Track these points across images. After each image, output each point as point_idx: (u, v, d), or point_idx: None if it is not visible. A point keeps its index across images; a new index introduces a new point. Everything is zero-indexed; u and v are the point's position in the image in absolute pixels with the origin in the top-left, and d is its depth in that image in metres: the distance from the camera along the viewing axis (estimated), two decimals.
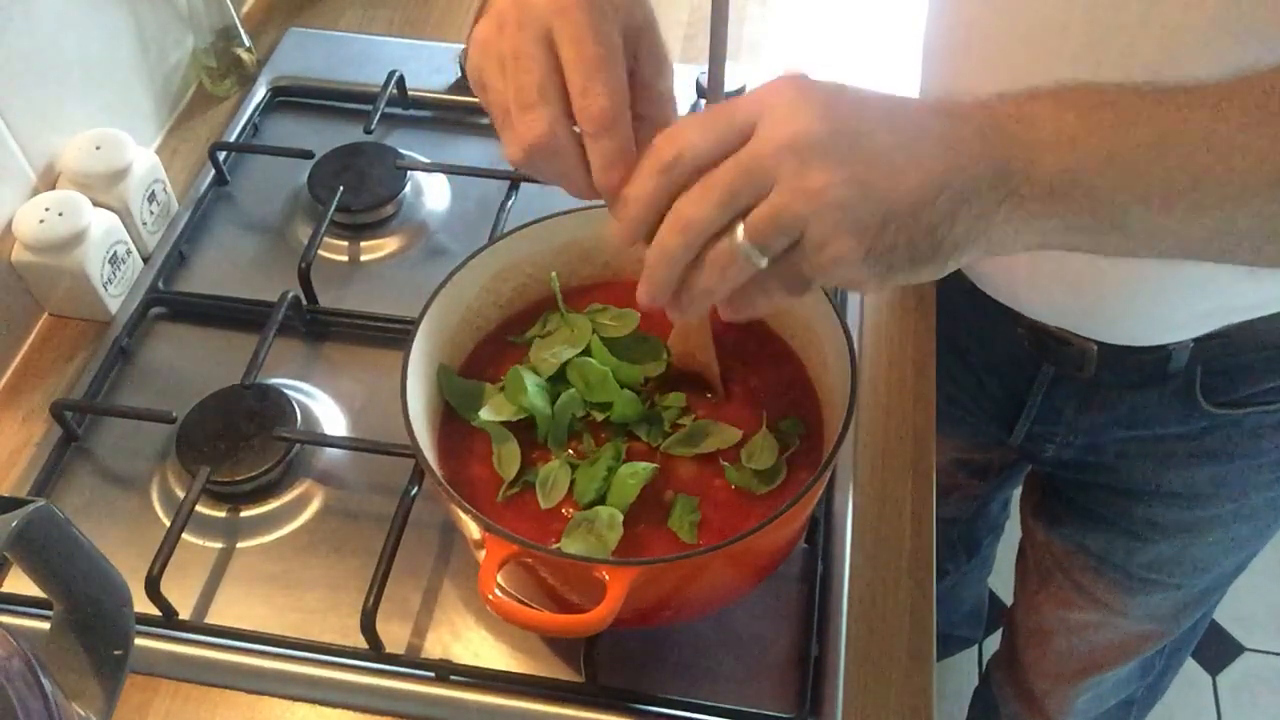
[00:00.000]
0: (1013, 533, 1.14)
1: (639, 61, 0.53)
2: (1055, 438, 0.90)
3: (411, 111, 1.02)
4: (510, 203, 0.90)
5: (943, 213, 0.45)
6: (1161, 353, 0.76)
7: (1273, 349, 0.75)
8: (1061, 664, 1.11)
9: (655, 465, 0.66)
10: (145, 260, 0.91)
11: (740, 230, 0.46)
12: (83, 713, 0.54)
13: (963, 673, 1.64)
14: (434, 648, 0.71)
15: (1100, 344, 0.79)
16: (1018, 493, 1.12)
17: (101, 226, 0.84)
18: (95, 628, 0.56)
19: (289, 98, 1.04)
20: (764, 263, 0.46)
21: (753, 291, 0.49)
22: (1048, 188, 0.45)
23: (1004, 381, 0.91)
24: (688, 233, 0.47)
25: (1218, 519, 0.88)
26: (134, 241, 0.89)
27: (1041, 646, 1.12)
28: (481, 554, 0.60)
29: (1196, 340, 0.75)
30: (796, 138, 0.44)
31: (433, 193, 0.96)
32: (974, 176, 0.45)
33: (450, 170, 0.96)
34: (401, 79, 1.01)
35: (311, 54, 1.08)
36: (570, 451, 0.69)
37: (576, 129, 0.51)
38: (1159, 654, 1.09)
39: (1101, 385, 0.82)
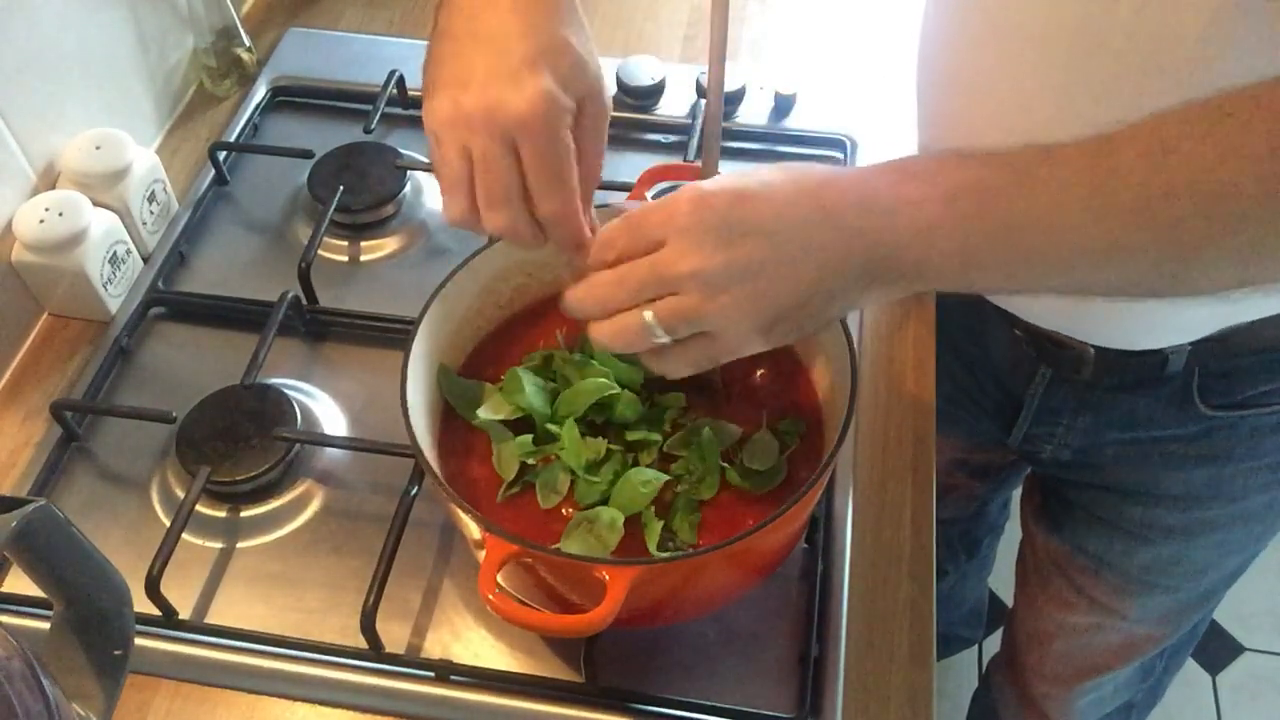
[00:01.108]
0: (1014, 533, 1.14)
1: (579, 128, 0.59)
2: (1053, 439, 0.90)
3: (411, 111, 1.02)
4: None
5: (820, 303, 0.55)
6: (1158, 356, 0.76)
7: (1270, 351, 0.75)
8: (1061, 667, 1.11)
9: (666, 475, 0.66)
10: (145, 260, 0.91)
11: (649, 313, 0.55)
12: (83, 713, 0.54)
13: (963, 673, 1.64)
14: (434, 648, 0.71)
15: (1097, 347, 0.79)
16: (1018, 493, 1.12)
17: (101, 226, 0.84)
18: (95, 628, 0.56)
19: (289, 98, 1.04)
20: (666, 339, 0.56)
21: (665, 356, 0.58)
22: (905, 275, 0.54)
23: (1002, 383, 0.91)
24: (602, 305, 0.57)
25: (1216, 521, 0.88)
26: (134, 241, 0.89)
27: (1041, 649, 1.12)
28: (481, 554, 0.60)
29: (1193, 343, 0.75)
30: (699, 270, 0.54)
31: (433, 193, 0.96)
32: (843, 275, 0.54)
33: None
34: (401, 79, 1.01)
35: (311, 54, 1.08)
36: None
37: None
38: (1159, 656, 1.09)
39: (1099, 388, 0.82)
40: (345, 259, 0.92)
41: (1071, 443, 0.89)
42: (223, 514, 0.77)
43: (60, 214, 0.82)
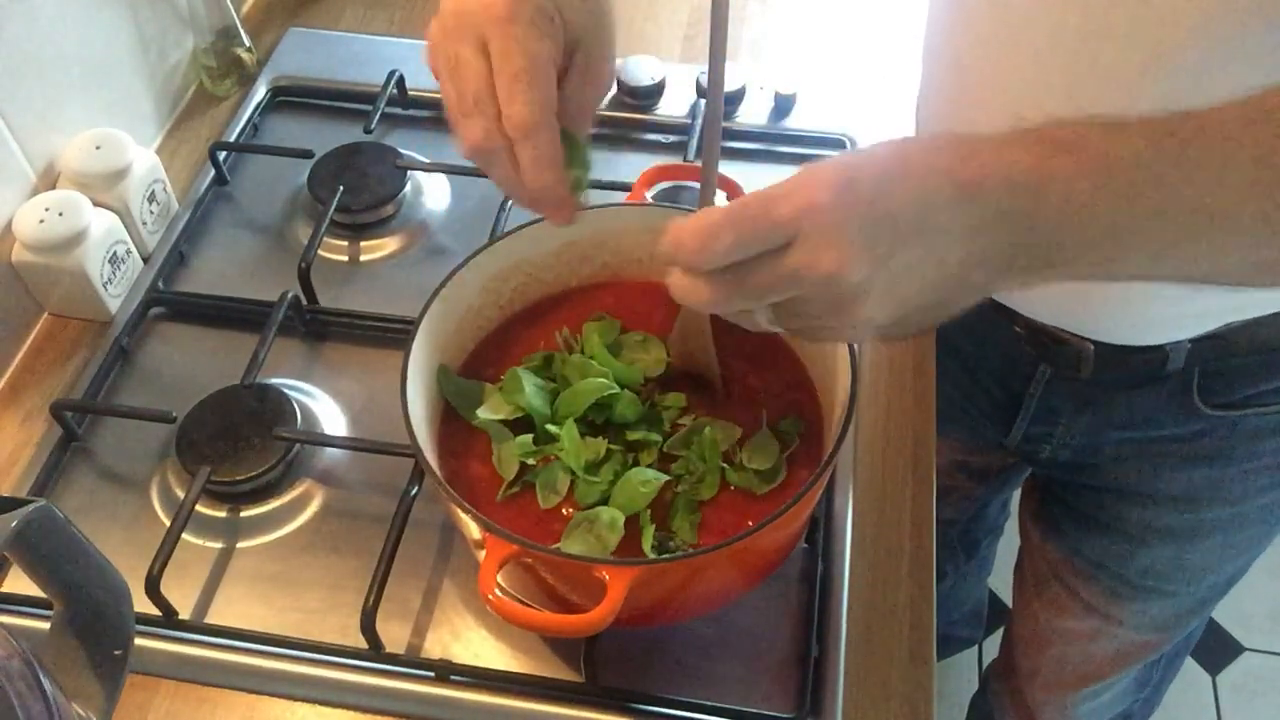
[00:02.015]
0: (1014, 534, 1.14)
1: (569, 72, 0.57)
2: (1052, 439, 0.90)
3: (411, 111, 1.02)
4: (510, 203, 0.90)
5: (956, 295, 0.50)
6: (1159, 353, 0.76)
7: (1270, 351, 0.75)
8: (1057, 674, 1.10)
9: (666, 476, 0.66)
10: (145, 260, 0.91)
11: (769, 314, 0.51)
12: (83, 713, 0.54)
13: (962, 673, 1.64)
14: (434, 648, 0.71)
15: (1097, 344, 0.78)
16: (1018, 494, 1.12)
17: (101, 226, 0.84)
18: (95, 628, 0.56)
19: (289, 98, 1.04)
20: (779, 330, 0.52)
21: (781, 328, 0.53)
22: (1046, 262, 0.49)
23: (1001, 381, 0.91)
24: (720, 306, 0.51)
25: (1214, 524, 0.88)
26: (134, 241, 0.89)
27: (1038, 655, 1.11)
28: (481, 554, 0.60)
29: (1194, 341, 0.75)
30: (841, 274, 0.47)
31: (433, 193, 0.96)
32: (987, 264, 0.48)
33: (450, 170, 0.96)
34: (401, 79, 1.01)
35: (311, 54, 1.08)
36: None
37: None
38: (1155, 665, 1.08)
39: (1099, 385, 0.82)
40: (345, 259, 0.92)
41: (1071, 442, 0.89)
42: (223, 514, 0.77)
43: (60, 214, 0.82)
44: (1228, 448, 0.82)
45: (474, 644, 0.71)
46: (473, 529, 0.61)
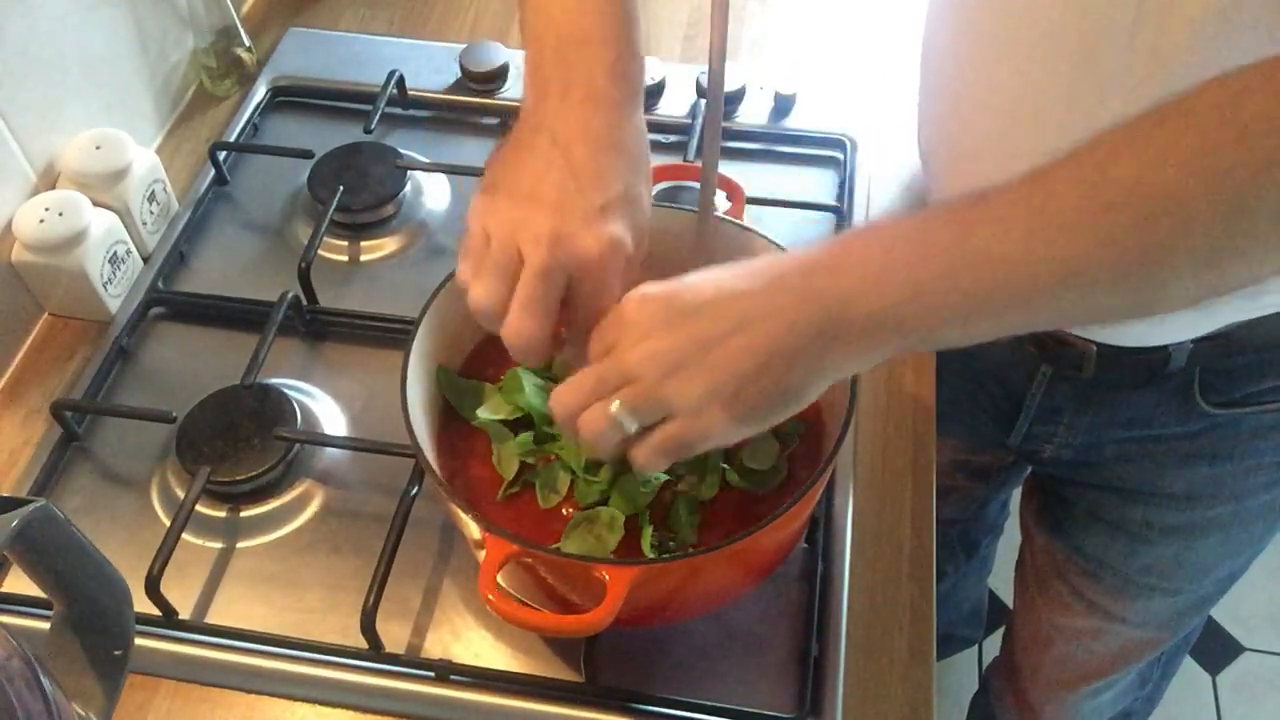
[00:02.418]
0: (1014, 534, 1.14)
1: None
2: (1054, 438, 0.90)
3: (411, 111, 1.02)
4: None
5: (782, 368, 0.53)
6: (1160, 353, 0.76)
7: (1272, 349, 0.75)
8: (1059, 672, 1.10)
9: (666, 475, 0.66)
10: (145, 260, 0.91)
11: (615, 403, 0.55)
12: (83, 713, 0.54)
13: (963, 673, 1.64)
14: (434, 648, 0.71)
15: (1099, 344, 0.79)
16: (1019, 493, 1.12)
17: (101, 226, 0.84)
18: (95, 628, 0.56)
19: (289, 98, 1.04)
20: (633, 427, 0.55)
21: (639, 448, 0.57)
22: (861, 328, 0.52)
23: (1002, 381, 0.91)
24: (568, 406, 0.57)
25: (1216, 521, 0.88)
26: (134, 241, 0.89)
27: (1040, 654, 1.11)
28: (481, 554, 0.60)
29: (1195, 340, 0.75)
30: (650, 352, 0.54)
31: (433, 193, 0.96)
32: (796, 336, 0.53)
33: (450, 170, 0.96)
34: (401, 79, 1.01)
35: (311, 54, 1.08)
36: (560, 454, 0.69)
37: None
38: (1155, 663, 1.08)
39: (1100, 385, 0.82)
40: (345, 259, 0.92)
41: (1072, 442, 0.89)
42: (223, 514, 0.77)
43: (60, 214, 0.82)
44: (1229, 446, 0.82)
45: (474, 644, 0.71)
46: (473, 529, 0.61)
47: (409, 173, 0.95)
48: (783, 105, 1.00)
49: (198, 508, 0.75)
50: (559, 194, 0.58)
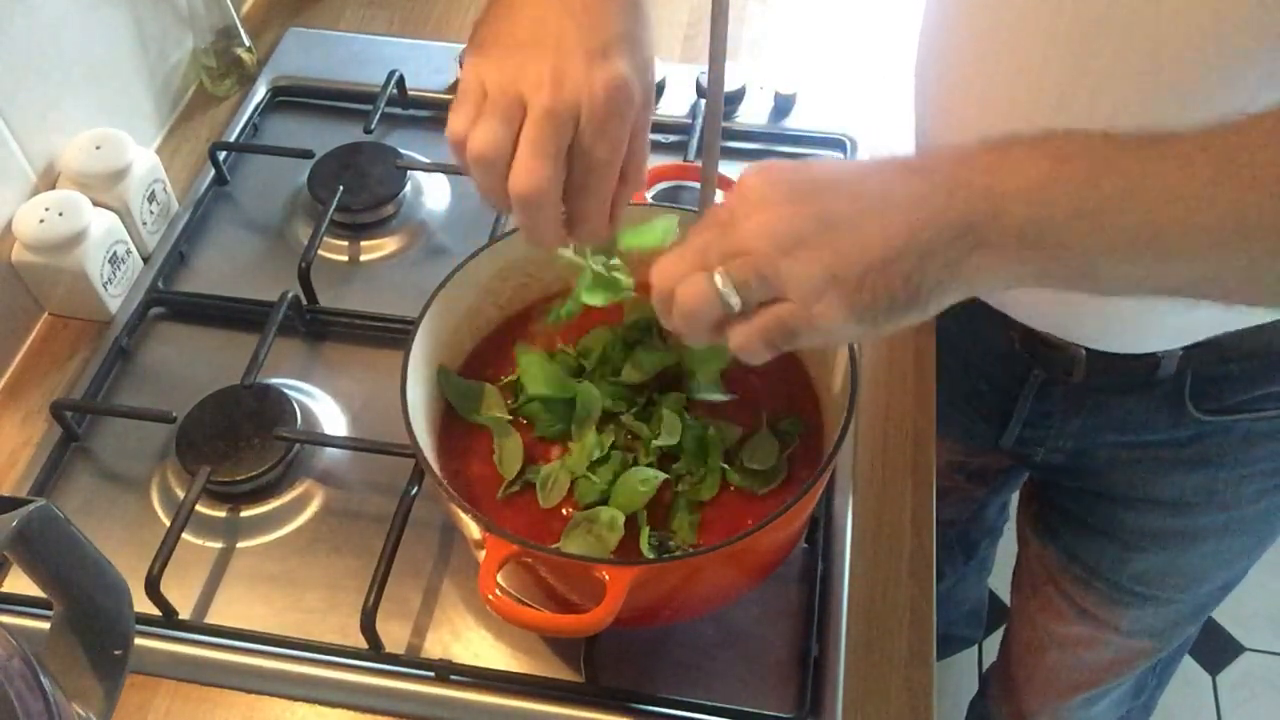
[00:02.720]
0: (1014, 536, 1.13)
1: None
2: (1045, 442, 0.90)
3: (411, 111, 1.02)
4: None
5: (914, 263, 0.48)
6: (1150, 359, 0.76)
7: (1262, 357, 0.75)
8: (1052, 681, 1.10)
9: (665, 474, 0.66)
10: (145, 260, 0.91)
11: (717, 274, 0.50)
12: (83, 713, 0.54)
13: (963, 673, 1.64)
14: (434, 648, 0.71)
15: (1088, 349, 0.78)
16: (1018, 497, 1.12)
17: (101, 226, 0.84)
18: (95, 628, 0.56)
19: (289, 98, 1.04)
20: (737, 304, 0.50)
21: (740, 330, 0.52)
22: (1016, 236, 0.47)
23: (995, 383, 0.91)
24: (669, 276, 0.53)
25: (1208, 529, 0.88)
26: (134, 241, 0.89)
27: (1034, 661, 1.11)
28: (481, 554, 0.60)
29: (1185, 348, 0.75)
30: (767, 223, 0.49)
31: (433, 193, 0.96)
32: (939, 229, 0.47)
33: (450, 170, 0.96)
34: (401, 79, 1.01)
35: (311, 54, 1.08)
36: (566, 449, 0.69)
37: None
38: (1150, 672, 1.08)
39: (1091, 390, 0.82)
40: (345, 259, 0.92)
41: (1063, 446, 0.89)
42: (223, 514, 0.77)
43: (60, 214, 0.82)
44: (1220, 453, 0.81)
45: (474, 644, 0.71)
46: (473, 529, 0.61)
47: (409, 173, 0.95)
48: (783, 105, 1.00)
49: (198, 508, 0.75)
50: (558, 37, 0.54)
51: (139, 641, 0.61)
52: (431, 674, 0.69)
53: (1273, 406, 0.78)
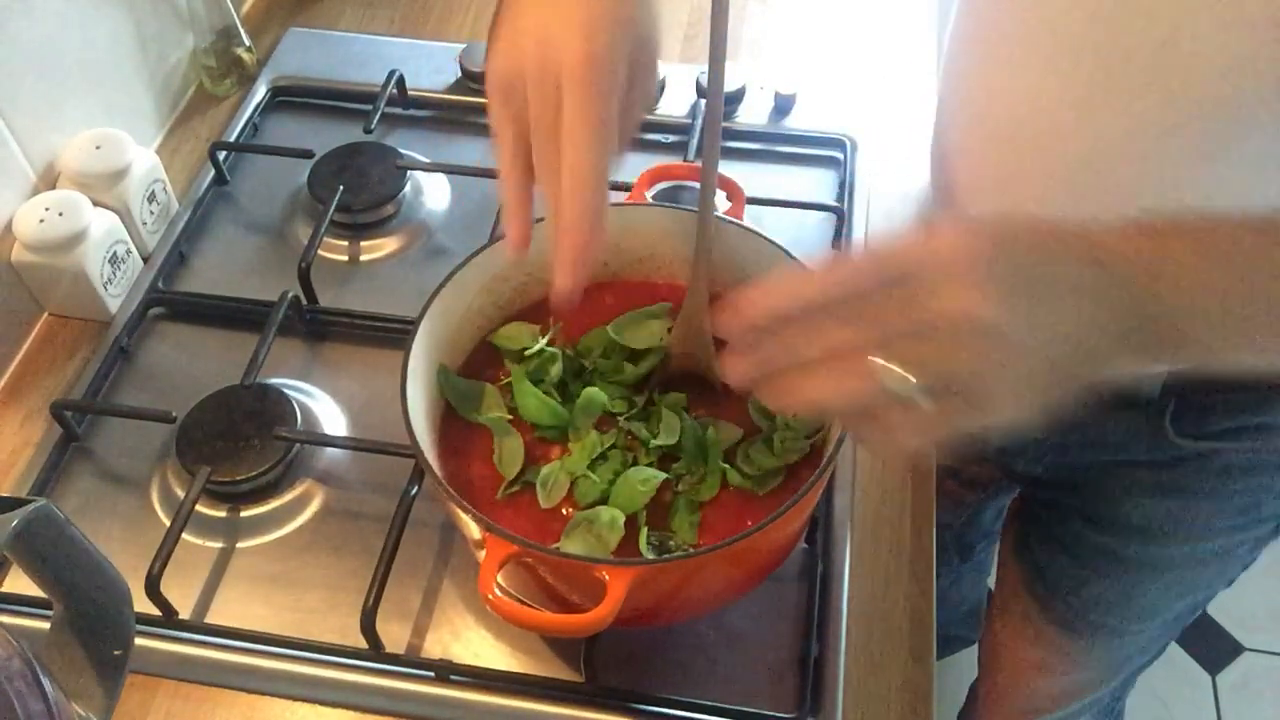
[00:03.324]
0: None
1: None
2: (1026, 452, 0.89)
3: (411, 111, 1.02)
4: None
5: (1076, 367, 0.46)
6: (1131, 382, 0.74)
7: (1249, 390, 0.73)
8: (1006, 702, 1.08)
9: (665, 474, 0.66)
10: (145, 260, 0.91)
11: (898, 366, 0.44)
12: (83, 713, 0.54)
13: (962, 673, 1.63)
14: (434, 648, 0.71)
15: None
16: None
17: (101, 226, 0.84)
18: (95, 628, 0.56)
19: (289, 98, 1.04)
20: (928, 405, 0.45)
21: (901, 425, 0.46)
22: (1167, 340, 0.47)
23: None
24: (817, 345, 0.46)
25: (1169, 561, 0.86)
26: (134, 241, 0.89)
27: (990, 679, 1.10)
28: (481, 554, 0.60)
29: (1169, 372, 0.74)
30: (976, 311, 0.44)
31: (433, 193, 0.96)
32: (1105, 330, 0.46)
33: (450, 170, 0.96)
34: (401, 79, 1.01)
35: (311, 54, 1.08)
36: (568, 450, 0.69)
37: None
38: (1110, 697, 1.06)
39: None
40: (345, 259, 0.92)
41: (1043, 458, 0.88)
42: (223, 514, 0.77)
43: (60, 214, 0.82)
44: (1197, 483, 0.80)
45: (474, 644, 0.71)
46: (473, 529, 0.61)
47: (409, 173, 0.95)
48: (783, 105, 1.00)
49: (198, 508, 0.75)
50: (545, 19, 0.55)
51: (139, 641, 0.61)
52: (431, 674, 0.69)
53: (1251, 439, 0.76)
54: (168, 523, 0.73)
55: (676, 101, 1.01)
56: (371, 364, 0.85)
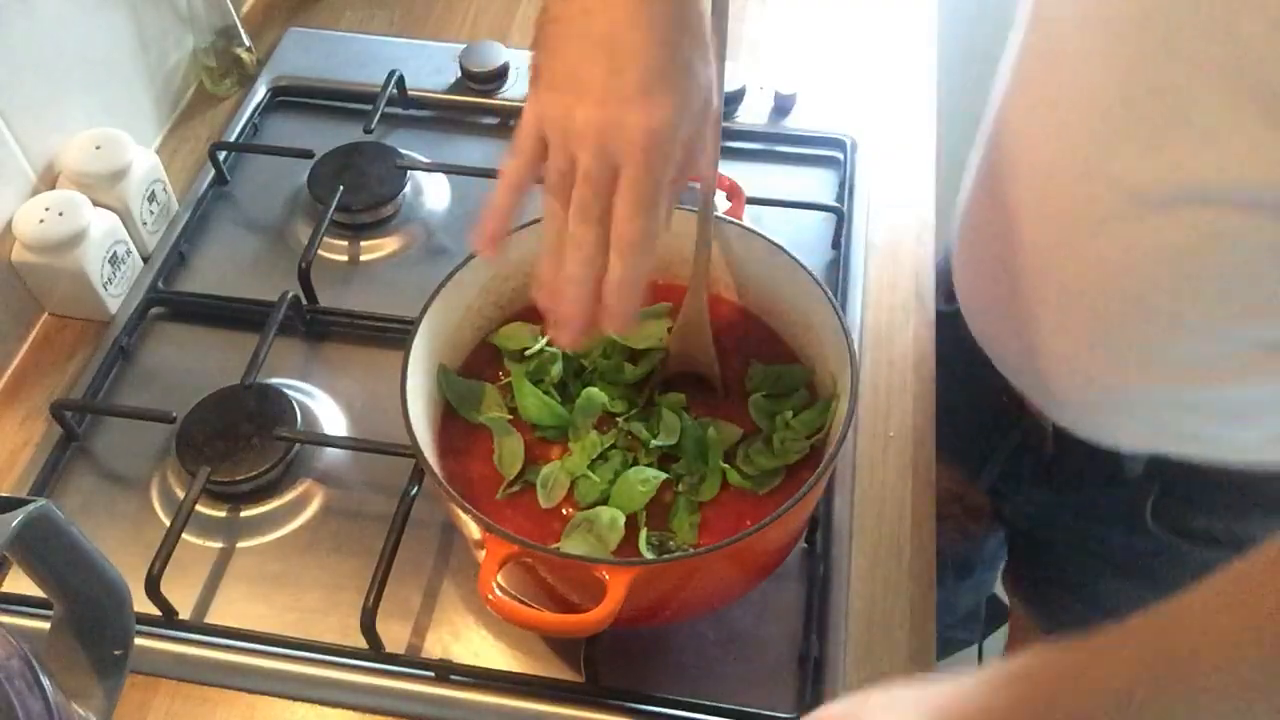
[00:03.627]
0: None
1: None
2: (1013, 499, 0.89)
3: (411, 111, 1.02)
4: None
5: None
6: (1114, 455, 0.74)
7: (1234, 491, 0.72)
8: None
9: (665, 474, 0.66)
10: (145, 260, 0.91)
11: None
12: (83, 713, 0.54)
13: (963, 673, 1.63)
14: (434, 648, 0.71)
15: (1056, 426, 0.77)
16: None
17: (101, 226, 0.84)
18: (95, 628, 0.56)
19: (289, 98, 1.04)
20: None
21: None
22: None
23: (982, 424, 0.89)
24: None
25: None
26: (134, 241, 0.89)
27: None
28: (481, 554, 0.60)
29: (1151, 455, 0.73)
30: None
31: (433, 193, 0.96)
32: None
33: (450, 170, 0.96)
34: (401, 79, 1.01)
35: (311, 54, 1.08)
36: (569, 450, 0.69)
37: None
38: None
39: (1060, 467, 0.80)
40: (345, 259, 0.92)
41: (1028, 512, 0.87)
42: (223, 514, 0.77)
43: (60, 214, 0.82)
44: (1170, 577, 0.76)
45: (474, 644, 0.71)
46: (473, 529, 0.61)
47: (409, 173, 0.95)
48: (783, 105, 1.00)
49: (198, 508, 0.75)
50: (600, 78, 0.52)
51: (139, 641, 0.61)
52: (431, 674, 0.69)
53: (1227, 552, 0.76)
54: (168, 523, 0.73)
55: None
56: (371, 364, 0.85)
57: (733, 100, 1.00)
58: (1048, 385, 0.75)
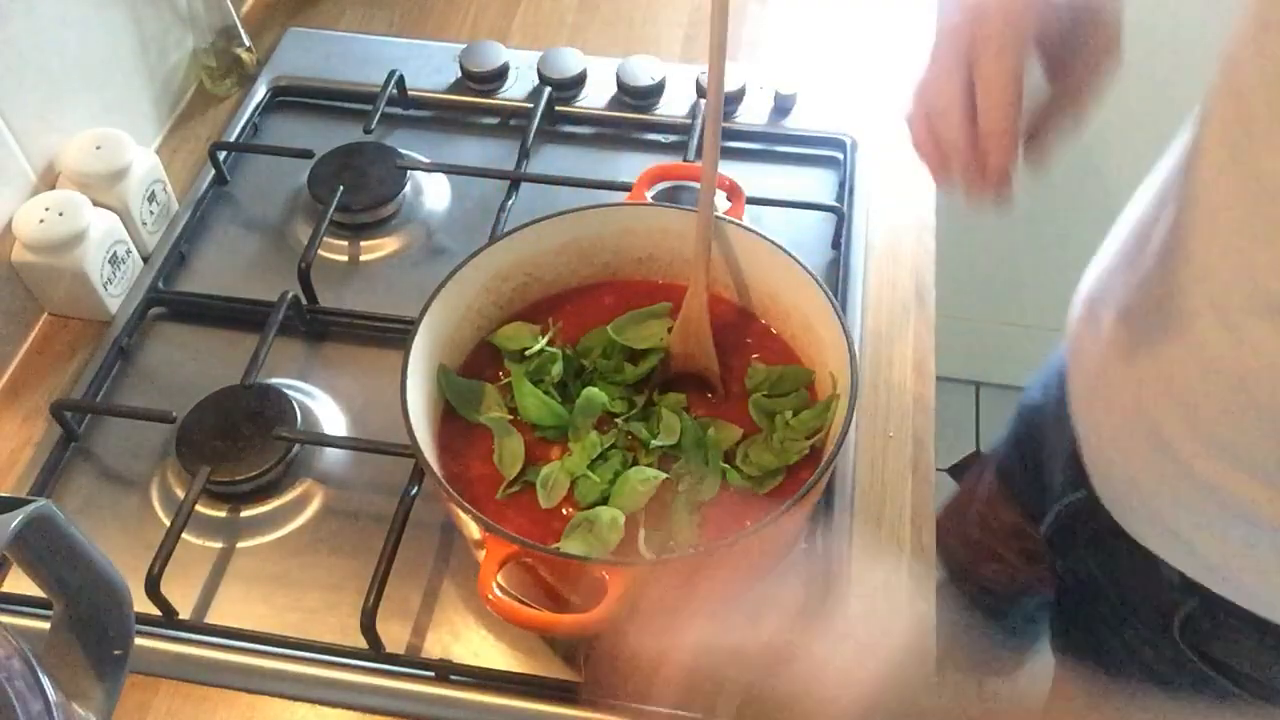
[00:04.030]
0: None
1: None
2: (1067, 555, 0.88)
3: (411, 111, 1.02)
4: (510, 203, 0.90)
5: None
6: (1152, 557, 0.73)
7: (1260, 634, 0.70)
8: None
9: (665, 474, 0.66)
10: (145, 260, 0.91)
11: None
12: (83, 713, 0.54)
13: None
14: (434, 648, 0.71)
15: (1105, 504, 0.76)
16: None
17: (101, 226, 0.84)
18: (95, 628, 0.56)
19: (289, 98, 1.04)
20: None
21: None
22: None
23: (1050, 472, 0.88)
24: None
25: None
26: (134, 241, 0.89)
27: None
28: (481, 554, 0.60)
29: (1184, 576, 0.71)
30: None
31: (433, 193, 0.96)
32: None
33: (450, 170, 0.96)
34: (401, 79, 1.01)
35: (311, 54, 1.08)
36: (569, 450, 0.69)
37: None
38: None
39: (1108, 545, 0.79)
40: (345, 259, 0.92)
41: (1077, 570, 0.86)
42: (223, 514, 0.77)
43: (60, 214, 0.82)
44: (1188, 697, 0.77)
45: (474, 644, 0.71)
46: (473, 529, 0.61)
47: (409, 173, 0.95)
48: (783, 105, 1.00)
49: (198, 508, 0.75)
50: None
51: (139, 641, 0.61)
52: (431, 674, 0.69)
53: (1249, 690, 0.73)
54: (168, 523, 0.73)
55: (676, 101, 1.01)
56: (371, 364, 0.85)
57: (733, 100, 1.00)
58: (1111, 465, 0.74)
